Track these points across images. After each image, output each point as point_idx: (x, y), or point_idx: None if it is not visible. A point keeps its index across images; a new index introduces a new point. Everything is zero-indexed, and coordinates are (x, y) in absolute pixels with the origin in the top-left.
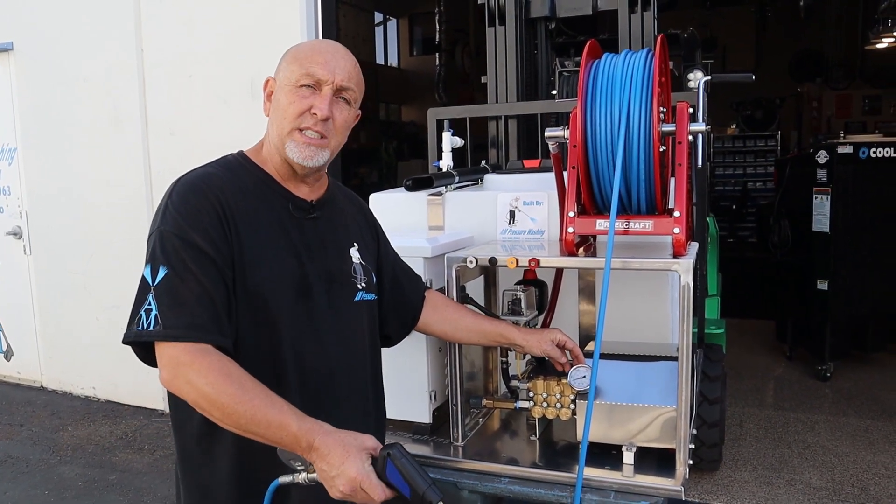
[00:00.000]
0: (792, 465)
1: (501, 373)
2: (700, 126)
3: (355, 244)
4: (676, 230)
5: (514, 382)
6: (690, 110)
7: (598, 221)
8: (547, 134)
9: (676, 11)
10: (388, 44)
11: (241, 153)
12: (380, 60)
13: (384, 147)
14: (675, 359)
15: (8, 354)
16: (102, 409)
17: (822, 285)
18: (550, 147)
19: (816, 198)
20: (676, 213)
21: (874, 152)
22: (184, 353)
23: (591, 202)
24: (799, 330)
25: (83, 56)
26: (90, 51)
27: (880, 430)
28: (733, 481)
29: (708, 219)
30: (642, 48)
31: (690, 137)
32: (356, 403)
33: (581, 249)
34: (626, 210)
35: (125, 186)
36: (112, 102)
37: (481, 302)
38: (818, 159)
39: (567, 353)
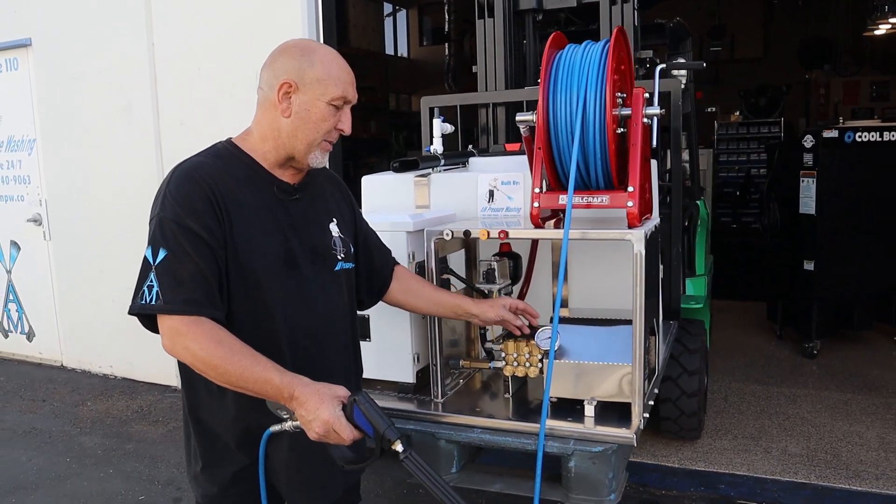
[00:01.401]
0: (771, 435)
1: (480, 337)
2: (655, 110)
3: (334, 219)
4: (630, 203)
5: (489, 344)
6: (647, 95)
7: (561, 196)
8: (518, 118)
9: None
10: (398, 34)
11: (229, 141)
12: (389, 51)
13: (394, 137)
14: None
15: (30, 336)
16: (119, 386)
17: (809, 266)
18: (522, 130)
19: (803, 181)
20: (630, 189)
21: (860, 136)
22: (181, 324)
23: (556, 179)
24: (788, 309)
25: (97, 51)
26: (104, 46)
27: (859, 402)
28: (713, 449)
29: (698, 202)
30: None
31: (646, 120)
32: (338, 359)
33: (552, 223)
34: (586, 186)
35: (138, 175)
36: (125, 95)
37: (462, 273)
38: (805, 143)
39: (521, 316)
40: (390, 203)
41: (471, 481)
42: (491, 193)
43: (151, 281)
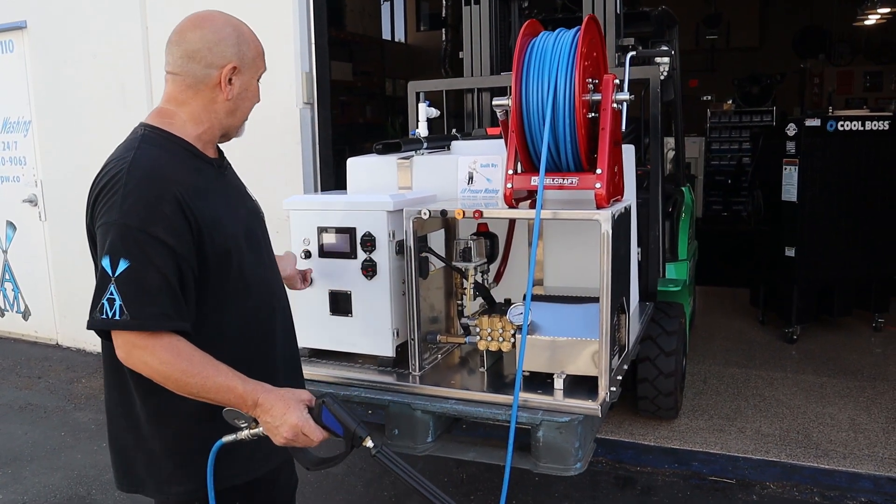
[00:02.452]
0: (746, 416)
1: (457, 314)
2: (625, 95)
3: (245, 186)
4: (598, 185)
5: (465, 320)
6: (617, 82)
7: (533, 178)
8: (494, 103)
9: None
10: (395, 19)
11: (154, 129)
12: (386, 36)
13: (390, 122)
14: None
15: (26, 315)
16: None
17: (790, 252)
18: (498, 115)
19: (786, 168)
20: (598, 171)
21: (841, 125)
22: (139, 338)
23: (529, 162)
24: (770, 295)
25: (92, 34)
26: (99, 28)
27: (834, 386)
28: (688, 428)
29: (683, 188)
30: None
31: (616, 105)
32: (290, 313)
33: (527, 204)
34: (557, 168)
35: None
36: (119, 77)
37: (442, 252)
38: (787, 132)
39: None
40: (374, 184)
41: (445, 450)
42: (470, 176)
43: (112, 294)
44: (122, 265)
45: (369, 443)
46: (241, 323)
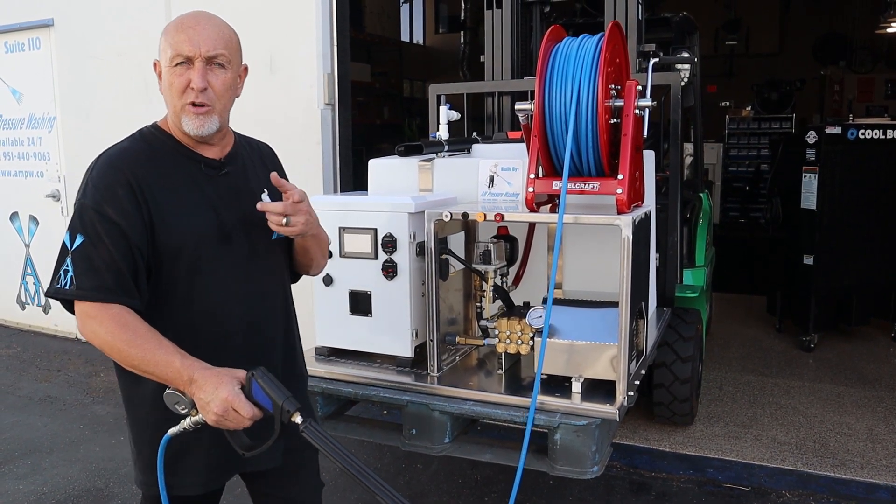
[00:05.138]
0: (762, 423)
1: (476, 316)
2: (647, 101)
3: (265, 190)
4: (619, 190)
5: (483, 322)
6: (639, 88)
7: (555, 182)
8: (517, 107)
9: None
10: (414, 21)
11: (154, 125)
12: (405, 37)
13: (407, 123)
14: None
15: (46, 308)
16: None
17: (808, 260)
18: (520, 119)
19: (805, 176)
20: (620, 177)
21: (862, 134)
22: (91, 309)
23: (550, 166)
24: (787, 303)
25: (117, 31)
26: (124, 26)
27: (852, 395)
28: (704, 435)
29: (701, 195)
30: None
31: (638, 112)
32: (276, 327)
33: (548, 208)
34: (579, 173)
35: None
36: (143, 75)
37: (461, 254)
38: (807, 139)
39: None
40: (395, 186)
41: (462, 451)
42: (491, 179)
43: (67, 266)
44: (78, 240)
45: (298, 418)
46: (192, 324)
